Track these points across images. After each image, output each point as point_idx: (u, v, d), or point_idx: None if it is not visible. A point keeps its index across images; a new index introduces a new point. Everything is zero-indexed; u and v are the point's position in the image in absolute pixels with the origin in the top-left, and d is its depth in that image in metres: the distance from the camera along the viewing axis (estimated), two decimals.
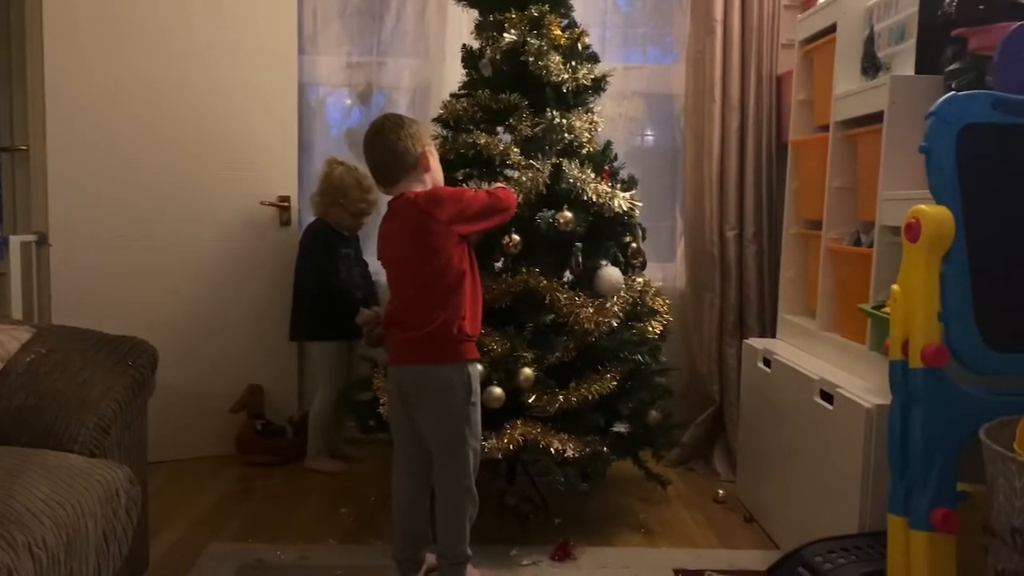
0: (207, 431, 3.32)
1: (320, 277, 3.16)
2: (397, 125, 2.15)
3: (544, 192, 2.51)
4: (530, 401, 2.43)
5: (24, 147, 3.17)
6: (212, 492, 2.99)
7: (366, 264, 3.29)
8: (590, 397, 2.50)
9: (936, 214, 1.69)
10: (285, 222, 3.39)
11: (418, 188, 2.16)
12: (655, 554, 2.56)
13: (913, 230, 1.70)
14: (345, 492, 3.01)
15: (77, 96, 3.09)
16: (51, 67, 3.05)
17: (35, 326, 2.19)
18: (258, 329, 3.37)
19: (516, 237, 2.45)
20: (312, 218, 3.31)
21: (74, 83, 3.08)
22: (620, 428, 2.61)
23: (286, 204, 3.38)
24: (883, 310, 2.10)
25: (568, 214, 2.48)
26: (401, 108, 3.56)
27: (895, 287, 1.76)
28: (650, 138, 3.72)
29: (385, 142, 2.14)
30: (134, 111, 3.16)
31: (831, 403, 2.25)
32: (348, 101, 3.65)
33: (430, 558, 2.29)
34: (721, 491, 3.02)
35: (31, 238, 3.09)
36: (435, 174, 2.22)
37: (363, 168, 3.14)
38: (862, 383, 2.21)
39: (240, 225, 3.33)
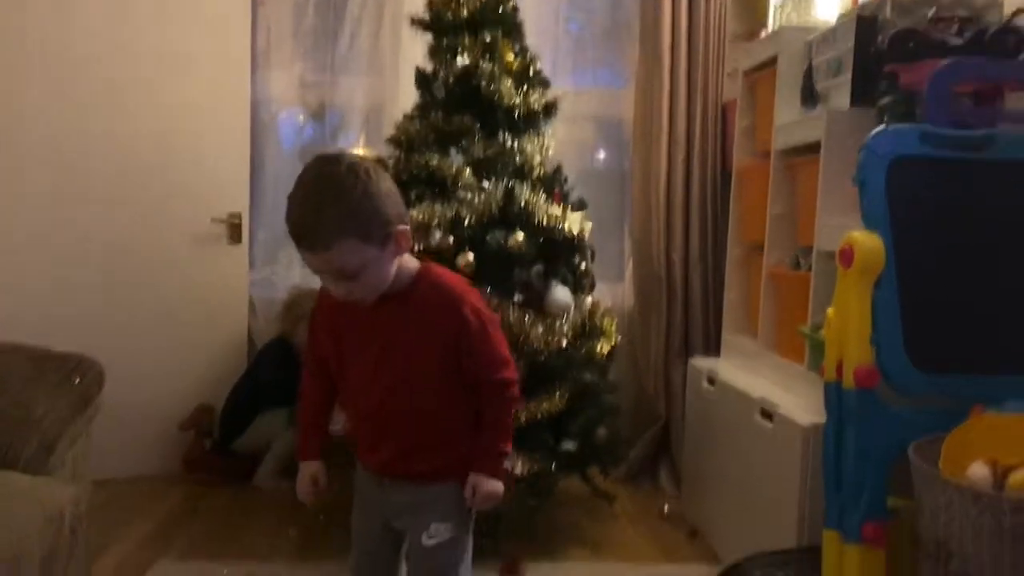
0: (153, 449, 3.28)
1: (271, 398, 3.19)
2: None
3: (496, 214, 2.56)
4: None
5: None
6: (158, 511, 2.95)
7: None
8: (539, 415, 2.54)
9: (868, 241, 1.77)
10: (235, 240, 3.38)
11: None
12: (602, 569, 2.61)
13: (846, 256, 1.79)
14: (294, 511, 2.99)
15: (23, 104, 3.05)
16: None
17: None
18: (208, 347, 3.34)
19: (470, 257, 2.49)
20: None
21: (20, 90, 3.04)
22: (569, 446, 2.67)
23: (237, 221, 3.37)
24: (820, 332, 2.19)
25: (520, 236, 2.53)
26: (355, 127, 3.61)
27: (830, 311, 1.84)
28: (600, 160, 3.80)
29: None
30: (82, 122, 3.12)
31: (771, 421, 2.32)
32: (301, 119, 3.66)
33: None
34: (666, 507, 3.08)
35: None
36: None
37: None
38: (800, 402, 2.28)
39: (190, 242, 3.31)
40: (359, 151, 3.60)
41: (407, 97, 3.09)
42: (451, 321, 1.50)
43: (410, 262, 1.52)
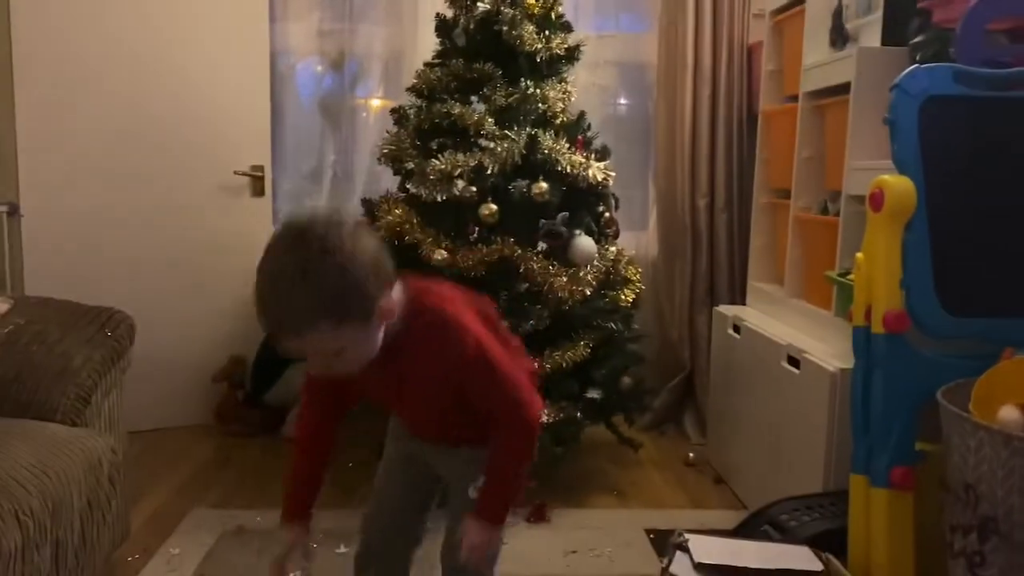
0: (185, 401, 3.34)
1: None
2: None
3: (519, 163, 2.53)
4: None
5: None
6: (192, 461, 3.02)
7: None
8: (564, 364, 2.55)
9: (899, 184, 1.74)
10: (258, 192, 3.38)
11: None
12: (627, 515, 2.64)
13: (876, 200, 1.76)
14: None
15: (45, 66, 3.05)
16: (18, 38, 3.00)
17: (12, 297, 2.19)
18: (235, 300, 3.36)
19: (493, 207, 2.48)
20: None
21: (42, 54, 3.03)
22: (594, 394, 2.68)
23: (259, 174, 3.37)
24: (848, 277, 2.17)
25: (543, 185, 2.51)
26: (374, 76, 3.58)
27: (859, 255, 1.82)
28: (623, 107, 3.75)
29: None
30: (104, 79, 3.12)
31: (798, 368, 2.32)
32: (320, 69, 3.63)
33: None
34: (692, 454, 3.10)
35: (1, 208, 3.06)
36: None
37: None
38: (827, 348, 2.27)
39: (214, 195, 3.32)
40: (369, 113, 3.56)
41: (427, 45, 3.05)
42: (453, 362, 1.32)
43: (397, 302, 1.29)
